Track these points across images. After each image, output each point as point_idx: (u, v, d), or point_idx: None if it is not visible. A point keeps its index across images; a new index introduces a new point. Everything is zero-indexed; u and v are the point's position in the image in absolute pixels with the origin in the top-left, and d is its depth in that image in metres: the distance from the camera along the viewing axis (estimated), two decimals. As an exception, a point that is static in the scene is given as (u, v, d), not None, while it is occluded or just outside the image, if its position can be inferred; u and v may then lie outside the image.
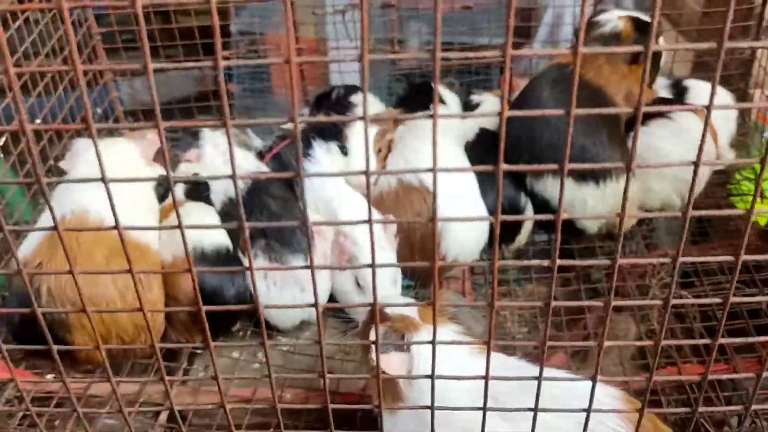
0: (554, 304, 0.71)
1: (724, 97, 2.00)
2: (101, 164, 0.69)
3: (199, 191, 1.75)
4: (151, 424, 1.55)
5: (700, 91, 2.00)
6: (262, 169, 1.83)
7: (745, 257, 0.69)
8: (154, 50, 2.26)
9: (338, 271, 1.71)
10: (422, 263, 0.71)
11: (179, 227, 0.74)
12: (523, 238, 1.90)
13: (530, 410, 0.79)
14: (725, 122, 1.96)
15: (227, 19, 2.55)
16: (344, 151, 1.83)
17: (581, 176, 1.75)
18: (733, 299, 0.72)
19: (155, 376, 1.62)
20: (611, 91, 1.78)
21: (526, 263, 0.76)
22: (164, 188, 1.79)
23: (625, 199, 0.68)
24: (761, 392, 1.42)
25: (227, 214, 1.74)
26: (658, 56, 1.90)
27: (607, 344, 0.73)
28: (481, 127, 1.92)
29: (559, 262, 0.69)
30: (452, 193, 1.73)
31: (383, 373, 1.12)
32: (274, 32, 2.55)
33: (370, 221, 0.70)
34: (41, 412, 1.48)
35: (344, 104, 1.98)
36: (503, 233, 1.87)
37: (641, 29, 1.84)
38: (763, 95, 2.10)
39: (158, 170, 1.85)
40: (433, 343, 0.77)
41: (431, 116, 0.65)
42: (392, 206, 1.74)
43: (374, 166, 1.85)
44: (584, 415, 0.91)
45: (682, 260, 0.71)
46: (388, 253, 1.70)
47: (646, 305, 1.69)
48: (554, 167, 0.66)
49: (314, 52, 2.45)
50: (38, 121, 1.83)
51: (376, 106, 2.05)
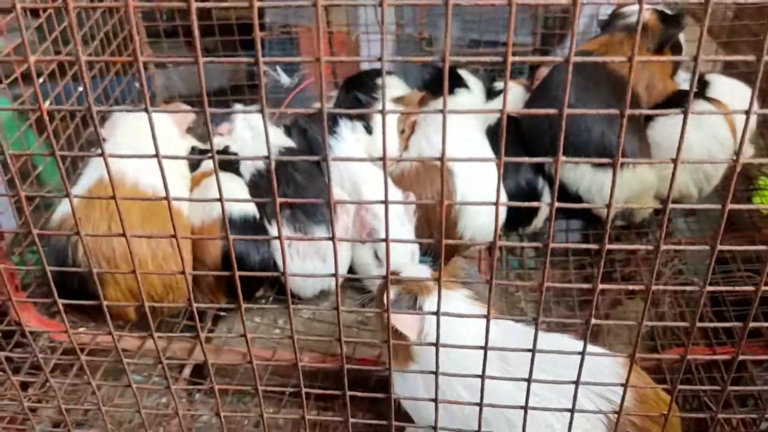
0: (553, 245, 0.77)
1: (746, 94, 2.03)
2: (154, 138, 0.76)
3: (230, 162, 1.83)
4: (175, 378, 1.62)
5: (720, 85, 2.02)
6: (288, 144, 1.90)
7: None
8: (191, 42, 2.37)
9: (358, 244, 1.77)
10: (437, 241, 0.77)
11: (220, 200, 0.81)
12: (539, 221, 1.95)
13: (528, 351, 0.85)
14: (745, 118, 1.98)
15: (262, 10, 2.63)
16: (369, 129, 1.89)
17: (600, 163, 1.78)
18: (720, 246, 0.76)
19: (190, 333, 1.70)
20: (633, 79, 1.82)
21: (523, 245, 0.82)
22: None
23: (613, 190, 0.74)
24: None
25: (255, 184, 1.81)
26: (679, 49, 1.93)
27: (604, 286, 0.78)
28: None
29: (552, 245, 0.75)
30: (471, 174, 1.79)
31: (395, 332, 1.18)
32: (304, 22, 2.63)
33: (386, 202, 0.76)
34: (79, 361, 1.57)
35: (371, 86, 2.04)
36: (521, 216, 1.92)
37: (666, 21, 1.88)
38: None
39: (191, 141, 1.93)
40: (439, 281, 0.83)
41: (441, 111, 0.71)
42: (413, 184, 1.80)
43: (397, 145, 1.91)
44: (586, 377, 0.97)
45: (664, 248, 0.75)
46: (407, 228, 1.76)
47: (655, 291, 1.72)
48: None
49: (345, 40, 2.52)
50: (80, 88, 1.92)
51: (400, 88, 2.11)
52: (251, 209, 1.75)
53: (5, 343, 1.61)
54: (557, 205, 0.76)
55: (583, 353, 0.84)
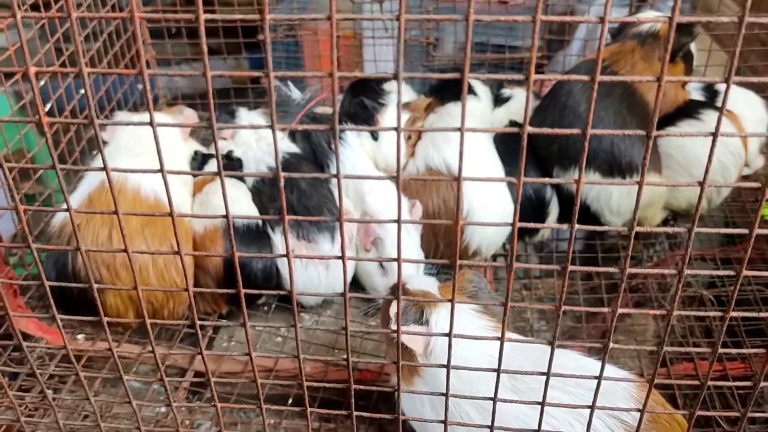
0: (572, 268, 0.74)
1: (757, 103, 2.00)
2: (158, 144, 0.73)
3: (232, 168, 1.80)
4: (175, 386, 1.60)
5: (732, 95, 2.00)
6: (293, 150, 1.87)
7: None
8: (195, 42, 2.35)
9: (362, 251, 1.74)
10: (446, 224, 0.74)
11: (226, 216, 0.78)
12: (546, 231, 1.92)
13: (542, 374, 0.82)
14: (756, 128, 1.96)
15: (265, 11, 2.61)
16: (374, 135, 1.86)
17: (609, 171, 1.76)
18: (746, 272, 0.74)
19: (187, 342, 1.67)
20: (643, 88, 1.79)
21: (535, 267, 0.79)
22: (198, 162, 1.85)
23: (635, 215, 0.71)
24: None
25: (258, 190, 1.79)
26: (690, 58, 1.91)
27: (621, 311, 0.76)
28: (510, 119, 1.95)
29: (571, 268, 0.72)
30: (478, 182, 1.77)
31: (403, 346, 1.15)
32: (310, 24, 2.60)
33: (398, 221, 0.74)
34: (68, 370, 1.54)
35: (377, 91, 2.01)
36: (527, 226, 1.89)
37: (678, 30, 1.84)
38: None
39: (193, 145, 1.91)
40: (452, 302, 0.80)
41: (459, 129, 0.68)
42: (419, 191, 1.77)
43: (403, 151, 1.88)
44: (604, 402, 0.94)
45: (697, 229, 0.73)
46: (413, 237, 1.74)
47: (665, 300, 1.71)
48: (633, 182, 0.69)
49: (350, 43, 2.50)
50: (81, 91, 1.90)
51: (406, 94, 2.08)
52: (255, 215, 1.72)
53: (2, 347, 1.58)
54: (577, 227, 0.73)
55: (599, 378, 0.81)
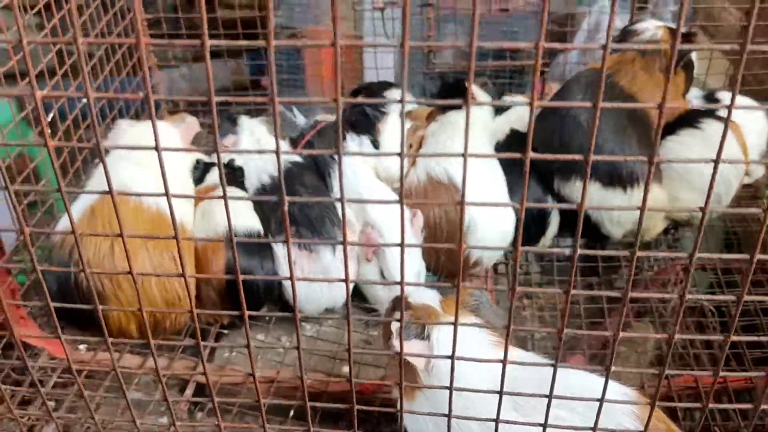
0: (574, 292, 0.74)
1: (758, 113, 2.00)
2: (159, 145, 0.73)
3: (234, 176, 1.80)
4: (177, 397, 1.60)
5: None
6: (295, 159, 1.88)
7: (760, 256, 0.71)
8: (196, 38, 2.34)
9: (364, 262, 1.74)
10: (449, 245, 0.75)
11: (231, 244, 0.79)
12: (547, 241, 1.92)
13: (545, 396, 0.82)
14: (757, 138, 1.96)
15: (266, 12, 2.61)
16: (376, 144, 1.87)
17: (610, 182, 1.76)
18: (747, 297, 0.74)
19: (189, 352, 1.67)
20: (644, 98, 1.79)
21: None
22: (200, 171, 1.85)
23: (637, 238, 0.71)
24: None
25: (258, 201, 1.79)
26: (691, 67, 1.91)
27: (623, 335, 0.76)
28: (511, 127, 1.95)
29: (580, 251, 0.73)
30: (478, 189, 1.77)
31: (406, 360, 1.15)
32: (312, 26, 2.61)
33: (401, 235, 0.74)
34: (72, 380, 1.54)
35: (378, 98, 2.02)
36: (529, 234, 1.90)
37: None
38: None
39: (195, 154, 1.91)
40: (455, 325, 0.81)
41: (463, 155, 0.68)
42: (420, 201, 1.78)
43: (405, 161, 1.89)
44: (596, 414, 0.94)
45: (698, 255, 0.73)
46: (413, 248, 1.74)
47: (666, 312, 1.71)
48: (634, 207, 0.69)
49: (351, 48, 2.50)
50: (83, 101, 1.90)
51: (407, 103, 2.08)
52: (255, 225, 1.72)
53: (4, 357, 1.58)
54: (580, 251, 0.73)
55: (602, 400, 0.81)
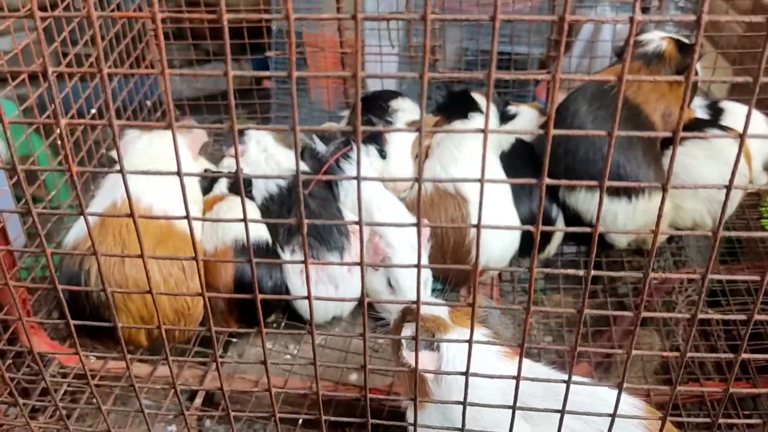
0: (587, 311, 0.76)
1: (760, 121, 2.02)
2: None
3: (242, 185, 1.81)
4: (186, 406, 1.61)
5: (734, 113, 2.02)
6: (302, 168, 1.89)
7: (771, 278, 0.73)
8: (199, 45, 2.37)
9: (371, 270, 1.75)
10: (458, 267, 0.76)
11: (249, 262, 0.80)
12: (552, 248, 1.94)
13: (557, 411, 0.84)
14: (760, 146, 1.97)
15: (267, 13, 2.62)
16: (383, 154, 1.88)
17: (615, 192, 1.78)
18: (757, 317, 0.75)
19: (200, 359, 1.69)
20: (649, 109, 1.81)
21: (560, 272, 0.81)
22: (208, 182, 1.86)
23: (659, 216, 0.73)
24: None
25: (267, 208, 1.80)
26: (695, 76, 1.92)
27: (635, 353, 0.78)
28: (516, 137, 1.96)
29: (593, 272, 0.74)
30: (486, 201, 1.78)
31: (413, 370, 1.17)
32: (313, 31, 2.62)
33: (418, 226, 0.75)
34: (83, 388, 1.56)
35: (385, 109, 2.03)
36: (532, 243, 1.91)
37: (683, 50, 1.87)
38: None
39: (203, 163, 1.92)
40: (469, 342, 0.82)
41: (479, 180, 0.70)
42: (427, 211, 1.79)
43: (411, 169, 1.90)
44: (608, 424, 0.96)
45: (710, 277, 0.74)
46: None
47: (671, 319, 1.72)
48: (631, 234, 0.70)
49: (353, 58, 2.50)
50: (93, 110, 1.91)
51: (414, 112, 2.10)
52: (264, 234, 1.74)
53: (15, 365, 1.60)
54: (593, 272, 0.74)
55: (614, 415, 0.83)
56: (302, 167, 1.88)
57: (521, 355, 0.80)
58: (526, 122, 2.05)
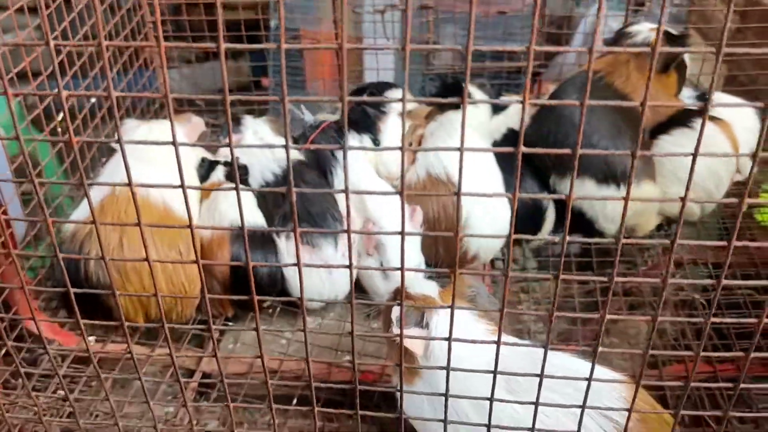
0: (563, 277, 0.79)
1: (748, 111, 2.05)
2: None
3: (239, 174, 1.85)
4: (184, 386, 1.64)
5: (722, 103, 2.05)
6: (297, 157, 1.93)
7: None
8: (199, 39, 2.41)
9: (364, 256, 1.79)
10: (447, 234, 0.80)
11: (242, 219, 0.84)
12: (544, 233, 1.97)
13: (536, 376, 0.87)
14: (747, 135, 2.01)
15: (267, 14, 2.66)
16: (376, 143, 1.92)
17: (603, 179, 1.82)
18: (726, 281, 0.79)
19: (193, 343, 1.72)
20: (637, 98, 1.85)
21: (529, 276, 0.85)
22: (205, 169, 1.90)
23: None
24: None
25: (263, 196, 1.84)
26: (683, 68, 1.96)
27: (609, 317, 0.81)
28: (508, 127, 2.00)
29: (563, 276, 0.78)
30: (476, 187, 1.82)
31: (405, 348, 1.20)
32: (311, 28, 2.66)
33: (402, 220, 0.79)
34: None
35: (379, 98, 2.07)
36: (526, 229, 1.95)
37: (672, 41, 1.90)
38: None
39: (200, 152, 1.96)
40: (451, 308, 0.86)
41: (459, 149, 0.73)
42: (420, 198, 1.82)
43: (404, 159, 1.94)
44: (597, 402, 1.00)
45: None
46: (413, 242, 1.79)
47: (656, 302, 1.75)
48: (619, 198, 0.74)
49: (351, 52, 2.55)
50: (93, 100, 1.95)
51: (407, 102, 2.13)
52: (259, 221, 1.78)
53: (16, 348, 1.63)
54: (569, 239, 0.78)
55: (590, 379, 0.87)
56: (298, 156, 1.92)
57: (501, 318, 0.84)
58: (518, 113, 2.08)
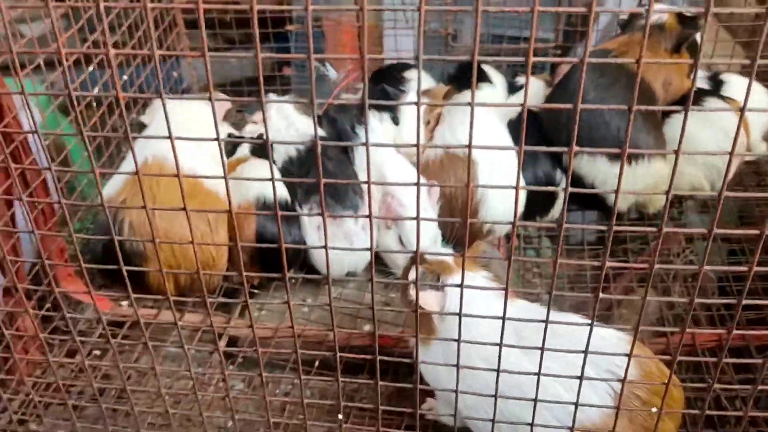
0: (561, 260, 0.86)
1: (759, 91, 2.09)
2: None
3: (263, 149, 1.94)
4: (210, 351, 1.74)
5: (735, 85, 2.09)
6: (319, 134, 2.00)
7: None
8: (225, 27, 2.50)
9: (383, 228, 1.86)
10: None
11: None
12: (556, 211, 2.03)
13: (541, 321, 0.94)
14: (758, 116, 2.05)
15: (289, 4, 2.74)
16: (396, 120, 1.99)
17: (615, 156, 1.87)
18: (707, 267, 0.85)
19: (221, 310, 1.81)
20: (650, 77, 1.90)
21: (538, 224, 0.91)
22: (231, 145, 1.98)
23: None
24: None
25: (287, 170, 1.92)
26: (695, 48, 2.01)
27: (602, 296, 0.88)
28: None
29: (566, 225, 0.84)
30: (493, 164, 1.88)
31: (420, 308, 1.28)
32: (333, 15, 2.72)
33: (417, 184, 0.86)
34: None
35: (398, 79, 2.13)
36: (538, 206, 2.01)
37: (684, 22, 1.95)
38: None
39: (226, 128, 2.04)
40: (462, 273, 0.92)
41: (469, 104, 0.80)
42: (437, 173, 1.89)
43: (422, 137, 2.01)
44: (600, 357, 1.06)
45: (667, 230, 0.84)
46: (430, 215, 1.86)
47: (667, 277, 1.81)
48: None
49: (371, 34, 2.61)
50: (125, 76, 2.04)
51: (425, 82, 2.20)
52: (283, 193, 1.85)
53: (55, 309, 1.73)
54: (571, 190, 0.85)
55: (591, 325, 0.93)
56: (320, 132, 1.99)
57: (509, 267, 0.91)
58: (532, 93, 2.14)
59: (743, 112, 0.82)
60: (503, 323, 0.98)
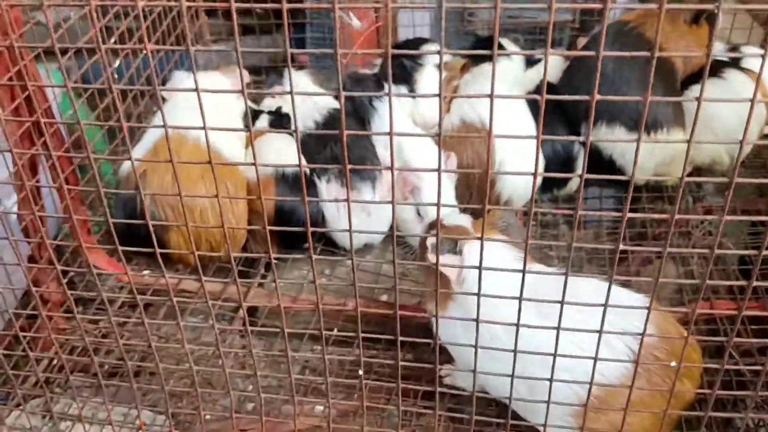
0: (581, 212, 0.87)
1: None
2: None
3: (281, 122, 1.95)
4: (230, 318, 1.76)
5: (756, 56, 2.07)
6: (335, 105, 2.01)
7: None
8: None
9: (401, 200, 1.87)
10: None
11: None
12: (574, 184, 2.03)
13: (558, 302, 0.95)
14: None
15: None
16: (412, 91, 1.99)
17: (634, 126, 1.87)
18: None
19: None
20: (669, 47, 1.89)
21: (555, 211, 0.92)
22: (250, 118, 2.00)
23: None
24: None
25: (304, 143, 1.93)
26: (715, 19, 1.99)
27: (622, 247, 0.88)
28: (541, 80, 2.05)
29: (581, 212, 0.85)
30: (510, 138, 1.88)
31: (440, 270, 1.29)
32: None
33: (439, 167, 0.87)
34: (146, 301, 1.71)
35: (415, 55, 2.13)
36: (556, 179, 2.01)
37: (703, -7, 1.93)
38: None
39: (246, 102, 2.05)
40: (481, 238, 0.93)
41: (489, 96, 0.80)
42: (454, 145, 1.90)
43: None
44: (619, 318, 1.07)
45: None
46: (447, 187, 1.87)
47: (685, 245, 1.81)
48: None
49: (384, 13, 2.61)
50: (146, 51, 2.05)
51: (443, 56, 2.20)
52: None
53: (79, 281, 1.76)
54: (586, 176, 0.85)
55: (609, 282, 0.94)
56: (337, 104, 2.00)
57: (526, 251, 0.92)
58: (550, 66, 2.13)
59: (758, 81, 0.81)
60: (523, 276, 0.98)
